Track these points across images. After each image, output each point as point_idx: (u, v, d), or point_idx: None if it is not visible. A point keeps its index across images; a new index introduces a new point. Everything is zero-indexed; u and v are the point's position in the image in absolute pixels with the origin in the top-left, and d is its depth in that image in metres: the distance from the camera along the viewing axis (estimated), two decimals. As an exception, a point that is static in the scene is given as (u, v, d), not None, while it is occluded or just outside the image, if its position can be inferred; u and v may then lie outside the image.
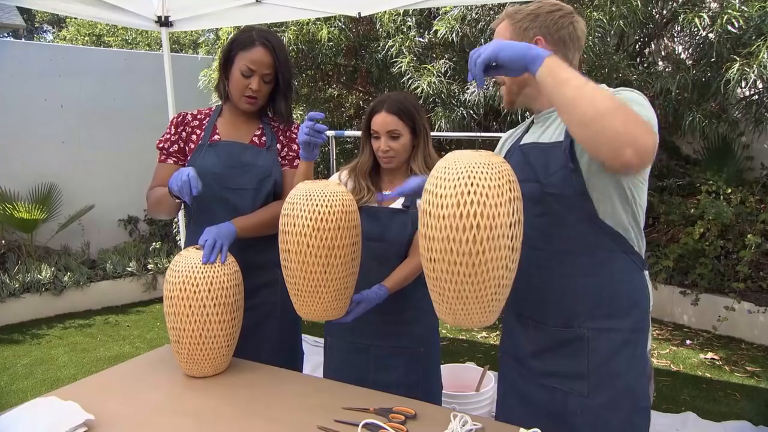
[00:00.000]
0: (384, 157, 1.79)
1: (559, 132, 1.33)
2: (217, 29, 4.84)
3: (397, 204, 1.81)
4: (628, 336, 1.34)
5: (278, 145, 1.92)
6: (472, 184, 1.11)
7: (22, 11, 12.73)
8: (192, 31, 9.00)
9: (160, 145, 1.91)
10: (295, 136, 1.96)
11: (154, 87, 5.77)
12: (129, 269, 5.08)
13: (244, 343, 1.84)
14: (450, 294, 1.20)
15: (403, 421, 1.41)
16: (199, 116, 1.92)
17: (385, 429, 1.34)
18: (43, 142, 5.32)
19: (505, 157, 1.44)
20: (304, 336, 4.06)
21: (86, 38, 11.49)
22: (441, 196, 1.14)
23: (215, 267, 1.58)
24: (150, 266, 5.18)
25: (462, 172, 1.13)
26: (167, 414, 1.46)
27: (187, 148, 1.89)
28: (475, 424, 1.36)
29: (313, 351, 3.88)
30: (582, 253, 1.32)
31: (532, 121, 1.48)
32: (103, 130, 5.51)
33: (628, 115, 1.07)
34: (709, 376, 3.54)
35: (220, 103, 1.95)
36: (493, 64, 1.18)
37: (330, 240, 1.45)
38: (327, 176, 4.89)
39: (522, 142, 1.45)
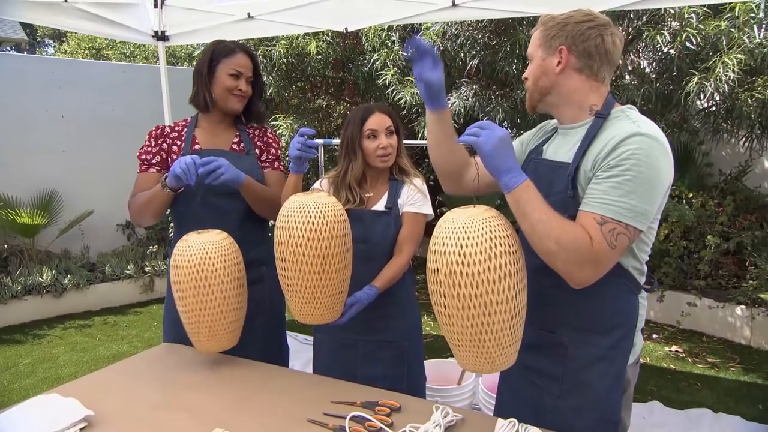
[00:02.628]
0: (384, 154, 1.80)
1: (572, 152, 1.28)
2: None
3: (380, 206, 1.82)
4: (606, 353, 1.31)
5: (256, 150, 1.95)
6: (461, 254, 1.15)
7: (25, 26, 12.57)
8: (187, 45, 8.94)
9: (142, 157, 1.90)
10: (270, 140, 1.99)
11: (151, 98, 5.73)
12: (127, 272, 5.02)
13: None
14: (459, 343, 1.24)
15: (388, 413, 1.41)
16: (176, 128, 1.93)
17: (372, 421, 1.34)
18: (44, 150, 5.26)
19: (523, 161, 1.45)
20: (294, 334, 4.08)
21: (86, 52, 11.37)
22: (438, 261, 1.19)
23: (225, 244, 1.58)
24: (147, 269, 5.12)
25: (453, 237, 1.17)
26: (163, 410, 1.45)
27: (169, 159, 1.89)
28: (456, 416, 1.37)
29: (303, 348, 3.87)
30: None
31: (556, 129, 1.42)
32: (102, 140, 5.45)
33: (569, 255, 1.14)
34: (674, 367, 3.58)
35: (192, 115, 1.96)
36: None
37: (324, 249, 1.46)
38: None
39: (540, 155, 1.41)
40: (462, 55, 3.95)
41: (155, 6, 3.27)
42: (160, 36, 3.36)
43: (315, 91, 5.16)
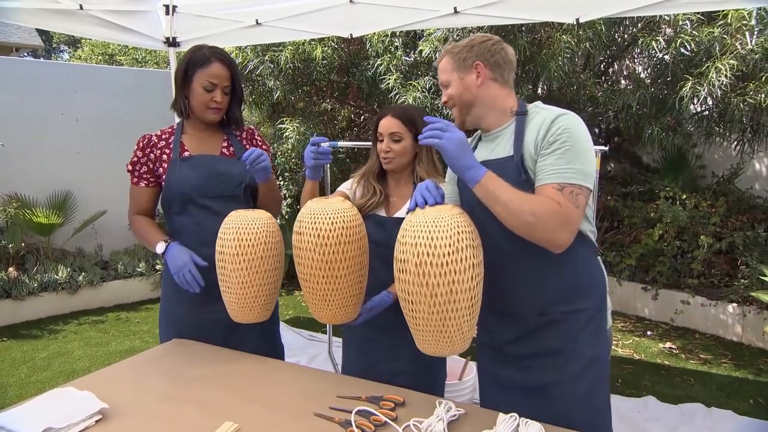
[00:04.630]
0: (384, 158, 1.79)
1: (509, 147, 1.42)
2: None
3: (402, 213, 1.82)
4: (592, 314, 1.44)
5: None
6: (431, 245, 1.23)
7: (41, 33, 12.61)
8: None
9: (130, 168, 1.86)
10: (259, 142, 1.99)
11: (162, 102, 5.73)
12: (139, 269, 5.02)
13: (231, 333, 1.87)
14: (422, 328, 1.32)
15: (392, 407, 1.41)
16: (163, 136, 1.85)
17: (377, 415, 1.34)
18: (59, 152, 5.27)
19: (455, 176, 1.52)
20: (299, 330, 4.09)
21: (99, 57, 11.40)
22: (407, 252, 1.26)
23: (269, 222, 1.65)
24: (158, 267, 5.12)
25: (423, 231, 1.25)
26: (174, 403, 1.45)
27: (161, 169, 1.83)
28: (458, 410, 1.37)
29: (308, 344, 3.87)
30: (542, 248, 1.34)
31: (480, 138, 1.56)
32: (114, 142, 5.46)
33: (546, 222, 1.25)
34: (668, 363, 3.58)
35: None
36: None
37: (332, 254, 1.47)
38: (323, 184, 4.89)
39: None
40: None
41: (167, 13, 3.27)
42: (171, 42, 3.36)
43: (320, 95, 5.15)
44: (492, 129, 1.49)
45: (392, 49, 4.13)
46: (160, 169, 1.83)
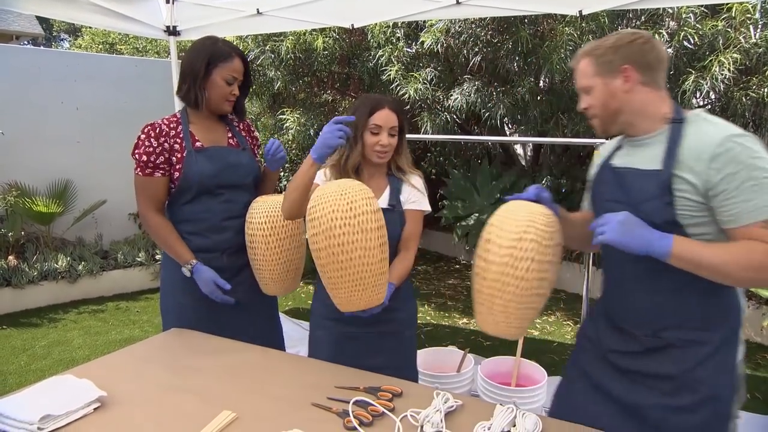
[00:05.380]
0: (381, 152, 1.74)
1: (657, 160, 1.27)
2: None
3: (383, 203, 1.79)
4: (718, 347, 1.29)
5: (249, 145, 2.02)
6: (496, 225, 1.38)
7: (41, 21, 12.54)
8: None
9: (144, 159, 1.81)
10: (255, 134, 2.09)
11: (162, 91, 5.70)
12: (138, 259, 5.03)
13: (236, 319, 1.95)
14: (481, 306, 1.43)
15: (390, 398, 1.41)
16: (171, 125, 1.86)
17: (374, 405, 1.35)
18: (59, 141, 5.25)
19: (595, 173, 1.49)
20: (299, 321, 4.09)
21: (100, 46, 11.32)
22: (500, 236, 1.36)
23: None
24: (158, 257, 5.13)
25: (497, 214, 1.41)
26: (173, 392, 1.45)
27: (174, 158, 1.84)
28: (456, 401, 1.37)
29: (305, 336, 3.87)
30: (669, 270, 1.23)
31: (623, 141, 1.43)
32: (115, 131, 5.44)
33: (749, 270, 1.14)
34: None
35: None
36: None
37: (370, 232, 1.49)
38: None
39: (615, 164, 1.41)
40: (465, 51, 3.92)
41: (167, 2, 3.25)
42: (172, 31, 3.34)
43: (321, 85, 5.13)
44: (639, 135, 1.35)
45: (394, 41, 4.11)
46: (174, 158, 1.84)
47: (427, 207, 1.85)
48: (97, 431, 1.25)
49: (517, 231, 1.32)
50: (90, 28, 11.05)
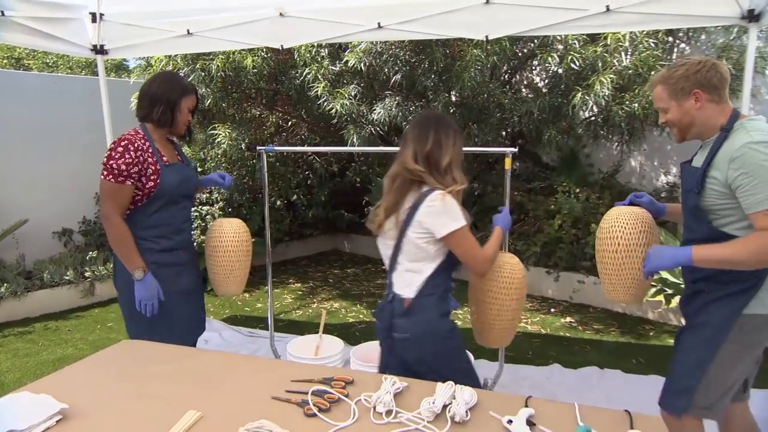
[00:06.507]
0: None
1: (701, 160, 1.59)
2: (149, 57, 4.60)
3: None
4: (725, 296, 1.61)
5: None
6: (616, 228, 1.81)
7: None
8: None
9: (122, 167, 1.94)
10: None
11: (85, 109, 5.38)
12: (67, 277, 4.70)
13: (187, 303, 2.19)
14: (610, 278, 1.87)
15: (343, 386, 1.49)
16: (141, 141, 2.02)
17: (331, 393, 1.41)
18: (-29, 160, 4.80)
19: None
20: (238, 328, 4.04)
21: (5, 61, 10.36)
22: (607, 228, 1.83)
23: (243, 227, 2.35)
24: (87, 274, 4.82)
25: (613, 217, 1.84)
26: (134, 399, 1.43)
27: (149, 170, 2.00)
28: (402, 383, 1.47)
29: (247, 341, 3.84)
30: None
31: (701, 146, 1.71)
32: (34, 149, 5.05)
33: (762, 255, 1.44)
34: (568, 335, 3.91)
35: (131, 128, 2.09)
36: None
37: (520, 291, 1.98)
38: (261, 192, 4.81)
39: (689, 163, 1.70)
40: (386, 70, 4.06)
41: (93, 21, 3.12)
42: (99, 50, 3.20)
43: (250, 101, 5.07)
44: (705, 139, 1.64)
45: (319, 59, 4.17)
46: (149, 170, 2.00)
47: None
48: (64, 442, 1.22)
49: (608, 225, 1.82)
50: (-3, 42, 10.07)
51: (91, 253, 5.07)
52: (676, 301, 3.85)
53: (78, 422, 1.30)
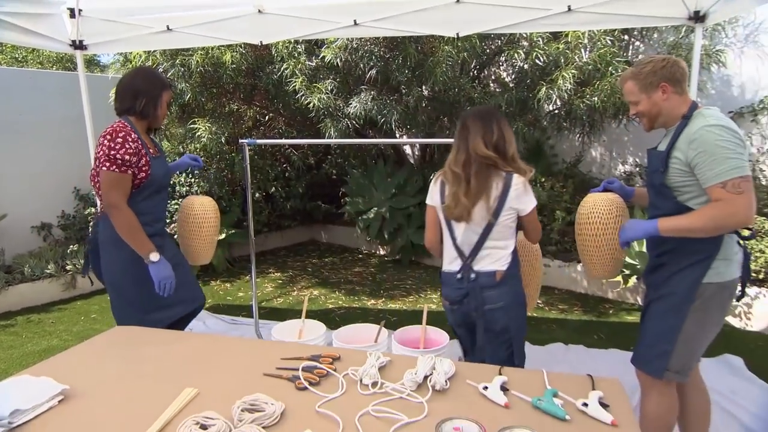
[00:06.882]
0: None
1: (665, 144, 1.73)
2: (128, 52, 4.51)
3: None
4: (686, 266, 1.73)
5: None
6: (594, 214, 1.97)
7: None
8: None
9: (126, 157, 2.00)
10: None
11: (61, 104, 5.23)
12: (48, 271, 4.59)
13: (180, 275, 2.20)
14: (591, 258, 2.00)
15: (331, 362, 1.54)
16: (133, 132, 2.07)
17: (320, 368, 1.47)
18: (-53, 156, 4.62)
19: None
20: (221, 316, 4.04)
21: (-27, 56, 9.92)
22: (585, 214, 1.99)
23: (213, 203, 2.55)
24: (68, 267, 4.72)
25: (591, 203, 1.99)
26: (132, 379, 1.46)
27: (142, 161, 2.05)
28: (386, 358, 1.54)
29: (231, 328, 3.85)
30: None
31: (666, 133, 1.83)
32: (10, 144, 4.91)
33: (716, 220, 1.57)
34: (536, 315, 4.04)
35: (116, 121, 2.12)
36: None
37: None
38: (240, 184, 4.80)
39: (655, 148, 1.81)
40: (361, 65, 4.09)
41: (71, 16, 3.05)
42: (78, 45, 3.14)
43: (228, 96, 5.02)
44: (668, 128, 1.77)
45: (296, 55, 4.17)
46: (142, 161, 2.05)
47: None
48: (67, 420, 1.24)
49: (587, 211, 1.98)
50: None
51: (72, 246, 4.96)
52: (633, 281, 4.03)
53: (80, 401, 1.32)
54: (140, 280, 2.05)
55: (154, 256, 2.03)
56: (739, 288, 1.74)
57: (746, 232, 1.77)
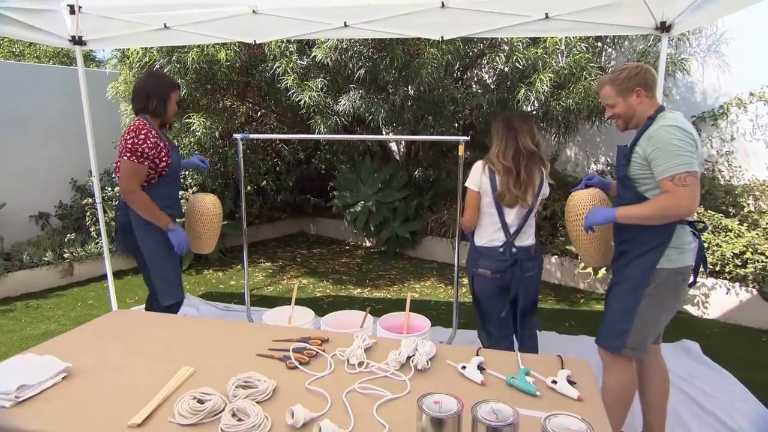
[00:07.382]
0: None
1: (631, 141, 1.81)
2: (126, 48, 4.44)
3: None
4: (642, 253, 1.82)
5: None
6: (582, 211, 2.05)
7: None
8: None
9: (146, 151, 2.19)
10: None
11: (59, 97, 5.15)
12: (46, 259, 4.54)
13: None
14: (587, 249, 2.10)
15: (320, 343, 1.58)
16: (150, 128, 2.25)
17: (310, 349, 1.50)
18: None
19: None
20: (215, 303, 4.04)
21: (-32, 49, 9.68)
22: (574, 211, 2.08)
23: (216, 201, 2.65)
24: (66, 255, 4.67)
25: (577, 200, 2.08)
26: (132, 358, 1.48)
27: (162, 153, 2.26)
28: (371, 340, 1.58)
29: (223, 314, 3.86)
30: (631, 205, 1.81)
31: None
32: (9, 136, 4.81)
33: (663, 210, 1.67)
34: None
35: (135, 117, 2.33)
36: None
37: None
38: (233, 178, 4.77)
39: (626, 146, 1.88)
40: (351, 65, 4.10)
41: (71, 12, 3.01)
42: (77, 41, 3.10)
43: (222, 92, 4.99)
44: (637, 128, 1.85)
45: (288, 54, 4.16)
46: (162, 153, 2.26)
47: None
48: (71, 396, 1.26)
49: (574, 208, 2.08)
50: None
51: (69, 235, 4.90)
52: (602, 272, 4.13)
53: (82, 378, 1.34)
54: (170, 254, 2.36)
55: (172, 225, 2.32)
56: (692, 276, 1.82)
57: (701, 225, 1.85)
